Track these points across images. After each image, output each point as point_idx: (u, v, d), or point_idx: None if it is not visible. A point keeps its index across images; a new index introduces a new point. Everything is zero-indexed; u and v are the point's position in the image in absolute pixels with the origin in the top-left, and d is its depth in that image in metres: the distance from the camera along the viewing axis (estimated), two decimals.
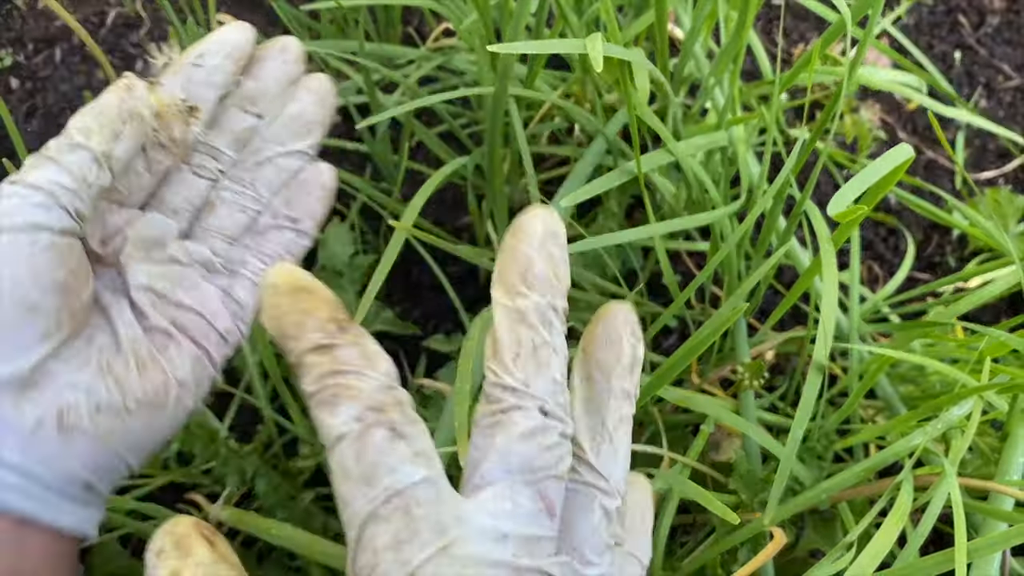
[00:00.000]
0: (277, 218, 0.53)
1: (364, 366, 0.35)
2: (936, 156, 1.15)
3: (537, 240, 0.37)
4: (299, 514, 0.87)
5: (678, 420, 0.88)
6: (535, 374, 0.36)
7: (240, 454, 0.85)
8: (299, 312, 0.35)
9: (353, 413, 0.34)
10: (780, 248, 0.73)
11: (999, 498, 0.74)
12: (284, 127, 0.53)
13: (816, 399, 0.87)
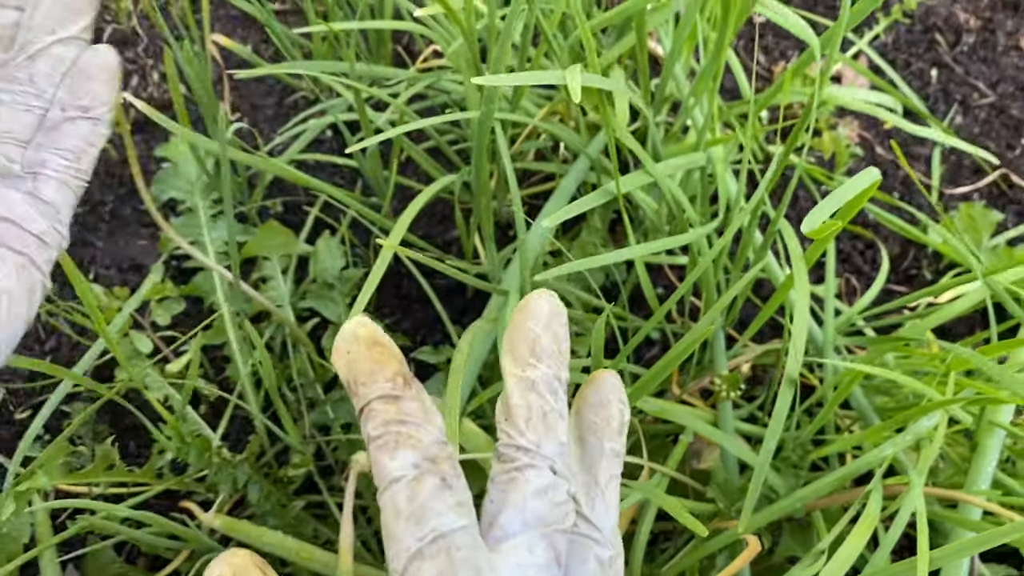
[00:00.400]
0: (67, 110, 0.51)
1: (424, 420, 0.39)
2: (913, 172, 1.18)
3: (544, 319, 0.41)
4: (290, 521, 0.89)
5: (659, 429, 0.91)
6: (545, 437, 0.40)
7: (232, 463, 0.87)
8: (372, 362, 0.39)
9: (411, 460, 0.38)
10: (756, 264, 0.76)
11: (968, 506, 0.77)
12: (49, 15, 0.51)
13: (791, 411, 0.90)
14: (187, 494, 0.96)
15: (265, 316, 0.99)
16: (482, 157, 0.70)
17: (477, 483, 0.88)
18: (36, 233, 0.49)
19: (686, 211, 0.70)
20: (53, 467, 0.78)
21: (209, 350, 1.00)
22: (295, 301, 0.98)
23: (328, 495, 0.93)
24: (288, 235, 0.98)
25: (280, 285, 0.97)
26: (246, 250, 0.97)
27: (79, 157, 0.51)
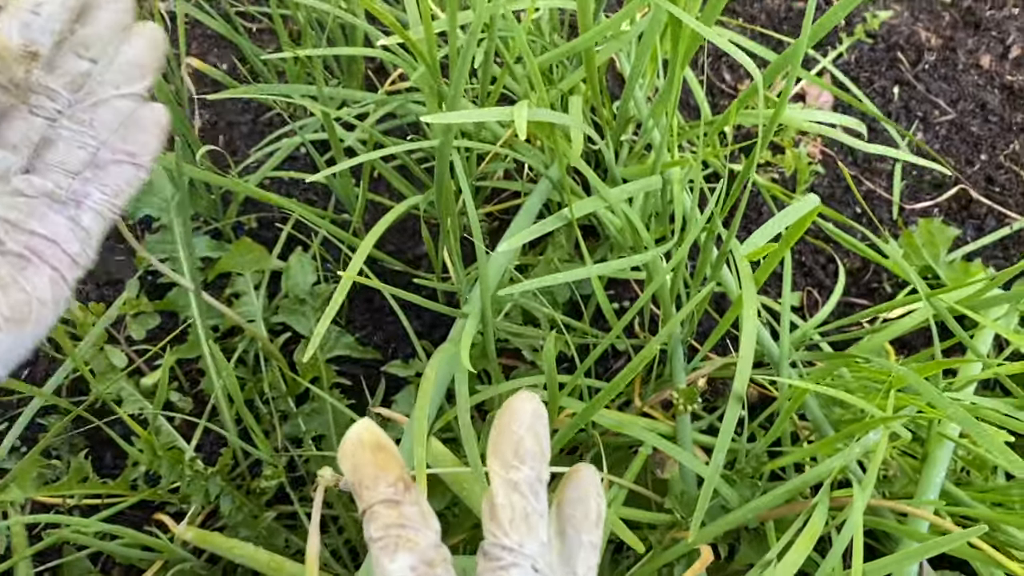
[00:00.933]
0: (116, 153, 0.55)
1: (422, 524, 0.42)
2: (875, 188, 1.21)
3: (527, 421, 0.44)
4: (262, 532, 0.91)
5: (622, 441, 0.94)
6: (527, 536, 0.43)
7: (205, 475, 0.89)
8: (376, 467, 0.42)
9: (409, 562, 0.41)
10: (710, 281, 0.79)
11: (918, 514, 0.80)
12: (119, 71, 0.56)
13: (748, 423, 0.92)
14: (161, 505, 0.98)
15: (239, 330, 1.01)
16: (443, 180, 0.73)
17: (442, 498, 0.90)
18: (71, 254, 0.54)
19: (639, 231, 0.72)
20: (27, 480, 0.80)
21: (184, 364, 1.02)
22: (267, 316, 1.00)
23: (299, 506, 0.95)
24: (261, 251, 1.00)
25: (253, 300, 1.00)
26: (219, 266, 0.99)
27: (117, 194, 0.55)
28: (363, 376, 1.03)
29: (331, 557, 0.93)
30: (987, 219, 1.21)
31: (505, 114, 0.54)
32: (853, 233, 1.15)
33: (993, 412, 0.79)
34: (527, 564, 0.43)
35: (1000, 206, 1.21)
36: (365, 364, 1.04)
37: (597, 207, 0.69)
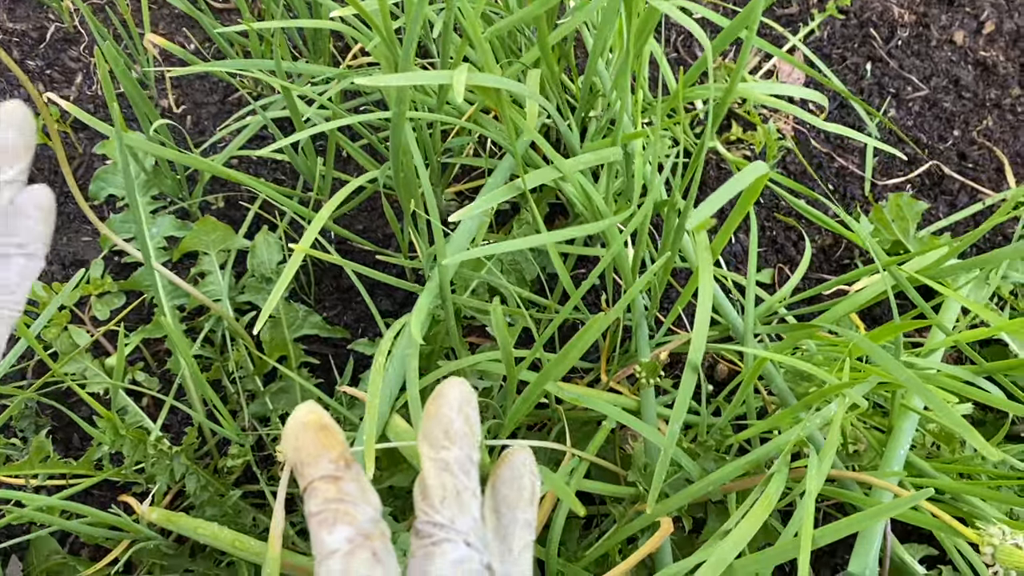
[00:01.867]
0: (2, 247, 0.53)
1: (361, 499, 0.42)
2: (847, 164, 1.21)
3: (456, 404, 0.45)
4: (228, 511, 0.91)
5: (590, 416, 0.93)
6: (459, 513, 0.44)
7: (169, 454, 0.89)
8: (318, 445, 0.42)
9: (346, 535, 0.41)
10: (667, 252, 0.78)
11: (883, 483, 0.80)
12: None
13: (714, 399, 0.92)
14: (129, 486, 0.98)
15: (206, 309, 1.01)
16: (399, 147, 0.72)
17: (405, 475, 0.90)
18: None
19: (595, 201, 0.72)
20: None
21: (151, 344, 1.02)
22: (234, 295, 1.00)
23: (266, 485, 0.95)
24: (226, 230, 1.00)
25: (219, 279, 0.99)
26: (183, 245, 0.99)
27: (13, 291, 0.52)
28: (331, 355, 1.03)
29: (298, 536, 0.93)
30: (959, 195, 1.20)
31: (444, 77, 0.54)
32: (825, 210, 1.15)
33: (953, 380, 0.79)
34: (459, 540, 0.43)
35: (973, 182, 1.21)
36: (334, 343, 1.04)
37: (551, 177, 0.69)
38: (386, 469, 0.91)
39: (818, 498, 1.00)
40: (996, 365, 0.76)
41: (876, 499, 0.82)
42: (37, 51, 1.14)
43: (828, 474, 0.81)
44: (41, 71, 1.14)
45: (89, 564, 0.93)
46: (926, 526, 0.75)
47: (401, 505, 0.92)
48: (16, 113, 0.53)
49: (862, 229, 0.88)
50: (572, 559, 0.86)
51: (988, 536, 0.64)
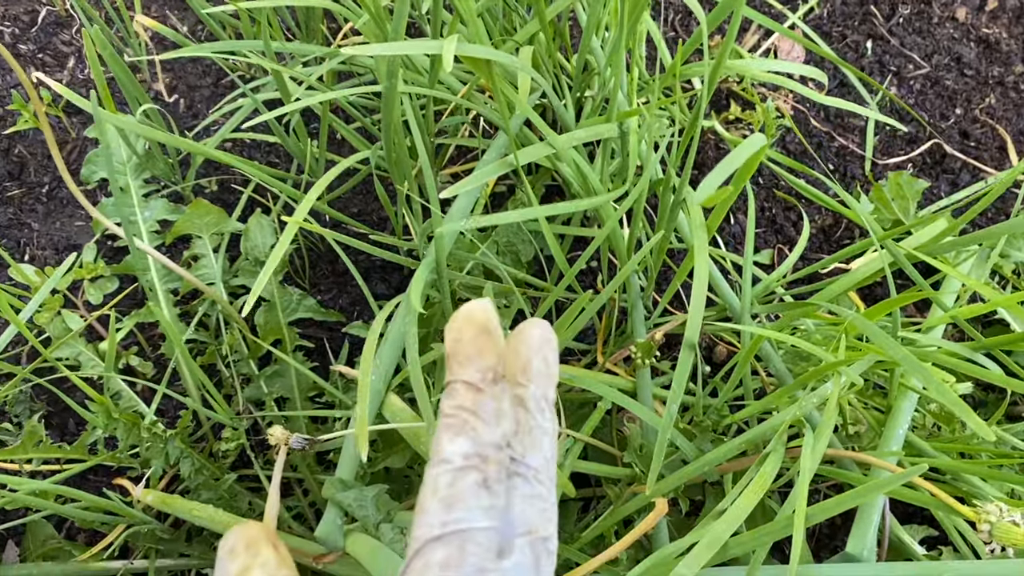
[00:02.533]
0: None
1: (493, 420, 0.41)
2: (847, 143, 1.19)
3: (536, 344, 0.43)
4: (224, 494, 0.91)
5: (587, 397, 0.93)
6: (531, 449, 0.42)
7: (164, 438, 0.89)
8: (475, 347, 0.42)
9: (464, 450, 0.40)
10: (663, 230, 0.77)
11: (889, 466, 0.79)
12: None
13: (711, 380, 0.91)
14: (122, 470, 0.98)
15: (200, 293, 1.00)
16: (390, 131, 0.71)
17: (402, 455, 0.89)
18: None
19: (588, 179, 0.71)
20: None
21: (145, 328, 1.01)
22: (227, 279, 0.99)
23: (261, 469, 0.95)
24: (220, 213, 0.99)
25: (212, 263, 0.98)
26: (175, 228, 0.98)
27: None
28: (326, 339, 1.02)
29: (293, 520, 0.93)
30: (961, 173, 1.19)
31: (434, 47, 0.53)
32: (825, 189, 1.14)
33: (951, 357, 0.78)
34: (530, 475, 0.42)
35: (975, 161, 1.20)
36: (329, 327, 1.03)
37: (543, 153, 0.68)
38: (381, 451, 0.90)
39: (817, 479, 0.99)
40: (993, 340, 0.75)
41: (873, 478, 0.81)
42: (29, 35, 1.13)
43: (826, 454, 0.80)
44: (33, 55, 1.13)
45: (85, 548, 0.92)
46: (923, 504, 0.75)
47: (397, 489, 0.92)
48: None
49: (860, 207, 0.86)
50: (569, 540, 0.85)
51: (985, 514, 0.63)
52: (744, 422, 0.92)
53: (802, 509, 0.59)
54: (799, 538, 0.56)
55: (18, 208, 1.05)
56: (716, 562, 0.68)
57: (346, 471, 0.78)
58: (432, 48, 0.53)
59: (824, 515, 0.62)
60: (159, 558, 0.94)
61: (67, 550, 0.94)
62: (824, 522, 1.04)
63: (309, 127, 1.10)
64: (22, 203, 1.05)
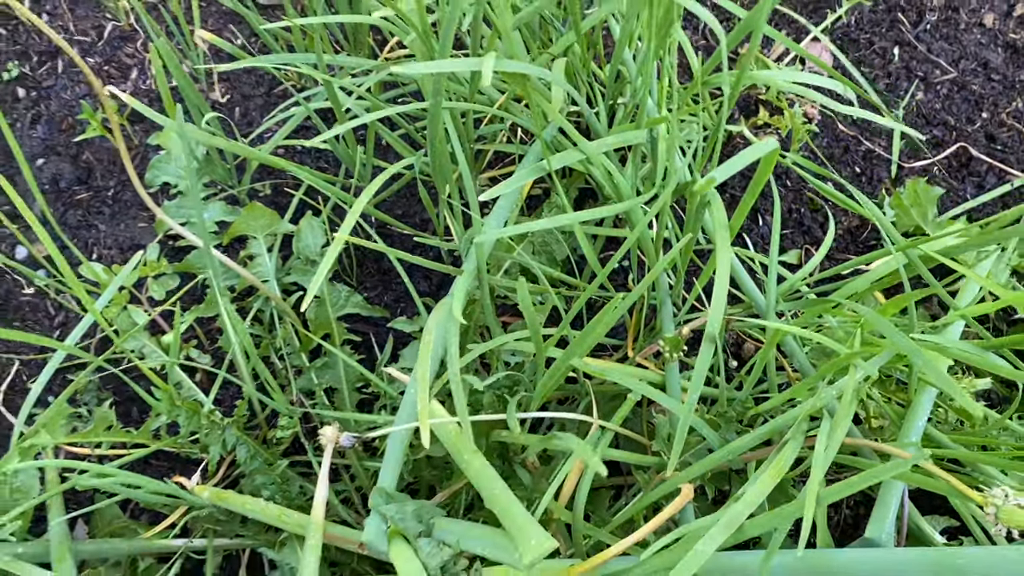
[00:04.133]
0: None
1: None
2: (874, 147, 1.23)
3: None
4: (277, 479, 0.97)
5: (617, 390, 0.98)
6: None
7: (221, 425, 0.95)
8: None
9: None
10: (691, 231, 0.82)
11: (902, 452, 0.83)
12: None
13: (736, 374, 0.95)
14: (180, 455, 1.04)
15: (254, 290, 1.07)
16: (436, 135, 0.77)
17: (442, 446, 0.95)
18: None
19: (618, 183, 0.76)
20: (55, 427, 0.87)
21: (203, 323, 1.08)
22: (280, 276, 1.06)
23: (313, 456, 1.01)
24: (273, 215, 1.05)
25: (266, 261, 1.05)
26: (232, 229, 1.05)
27: None
28: (372, 333, 1.09)
29: (341, 504, 0.99)
30: (987, 176, 1.22)
31: (475, 64, 0.58)
32: (850, 193, 1.18)
33: (965, 353, 0.81)
34: None
35: (1001, 164, 1.23)
36: (374, 322, 1.09)
37: (574, 159, 0.73)
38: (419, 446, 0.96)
39: (840, 469, 1.03)
40: (1004, 340, 0.79)
41: (864, 461, 0.85)
42: (96, 48, 1.21)
43: (847, 443, 0.85)
44: (99, 67, 1.20)
45: (148, 527, 0.99)
46: (938, 491, 0.78)
47: (439, 475, 0.97)
48: None
49: (879, 212, 0.90)
50: (600, 524, 0.90)
51: (992, 498, 0.67)
52: (769, 415, 0.96)
53: (814, 488, 0.64)
54: (810, 513, 0.61)
55: (86, 210, 1.13)
56: (735, 542, 0.72)
57: (388, 477, 0.82)
58: (473, 66, 0.58)
59: (838, 495, 0.67)
60: (216, 538, 1.01)
61: (132, 528, 1.01)
62: (848, 513, 1.08)
63: (356, 134, 1.16)
64: (90, 206, 1.13)
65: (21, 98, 1.18)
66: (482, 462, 0.73)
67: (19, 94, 1.18)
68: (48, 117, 1.17)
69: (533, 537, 0.62)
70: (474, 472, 0.72)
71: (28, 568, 0.86)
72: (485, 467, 0.73)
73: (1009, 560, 0.71)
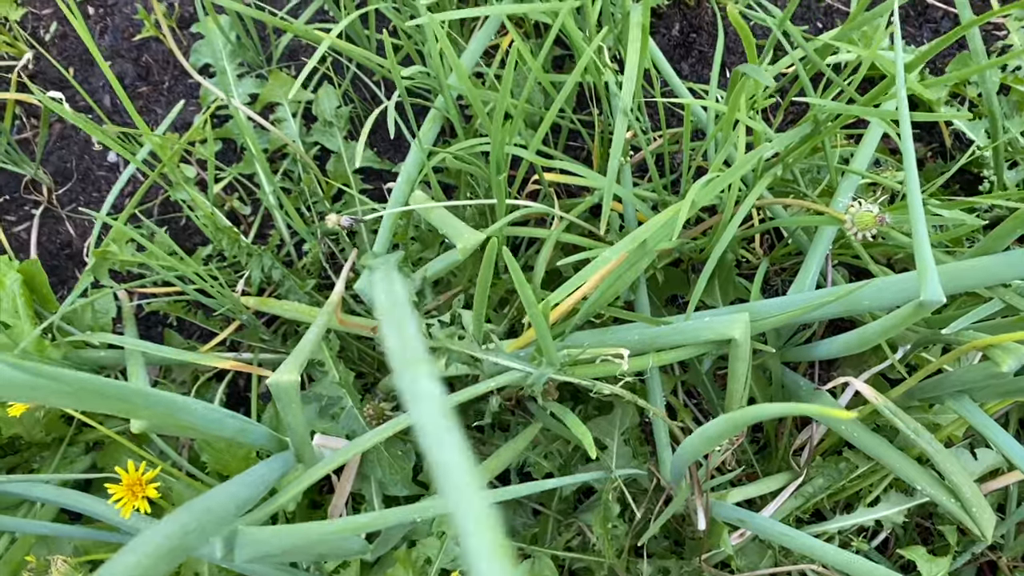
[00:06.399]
0: None
1: None
2: (834, 2, 1.35)
3: None
4: (306, 294, 1.16)
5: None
6: None
7: (260, 252, 1.15)
8: None
9: None
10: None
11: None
12: None
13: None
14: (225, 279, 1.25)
15: (284, 156, 1.26)
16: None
17: (433, 249, 1.12)
18: None
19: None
20: (122, 243, 1.08)
21: (242, 181, 1.28)
22: (304, 136, 1.25)
23: (334, 276, 1.20)
24: (294, 83, 1.25)
25: (291, 124, 1.25)
26: (262, 97, 1.25)
27: None
28: (382, 181, 1.27)
29: (354, 301, 1.17)
30: (943, 22, 1.32)
31: None
32: None
33: None
34: None
35: (956, 9, 1.33)
36: (383, 174, 1.28)
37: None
38: (417, 241, 1.13)
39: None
40: None
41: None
42: None
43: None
44: None
45: (201, 344, 1.20)
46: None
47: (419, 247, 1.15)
48: None
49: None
50: None
51: (850, 209, 0.80)
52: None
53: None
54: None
55: (146, 100, 1.34)
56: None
57: (380, 245, 1.01)
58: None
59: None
60: (261, 353, 1.21)
61: (194, 346, 1.22)
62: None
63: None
64: (149, 96, 1.35)
65: (91, 15, 1.40)
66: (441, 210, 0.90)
67: (88, 12, 1.41)
68: (112, 28, 1.39)
69: (466, 232, 0.79)
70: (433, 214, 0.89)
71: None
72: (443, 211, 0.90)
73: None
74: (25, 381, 0.47)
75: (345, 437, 1.06)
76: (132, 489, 0.83)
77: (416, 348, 0.35)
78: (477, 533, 0.26)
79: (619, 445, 1.08)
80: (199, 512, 0.58)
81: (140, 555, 0.47)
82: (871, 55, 0.83)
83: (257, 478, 0.71)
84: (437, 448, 0.30)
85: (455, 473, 0.29)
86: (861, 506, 1.07)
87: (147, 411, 0.58)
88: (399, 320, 0.39)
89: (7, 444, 1.11)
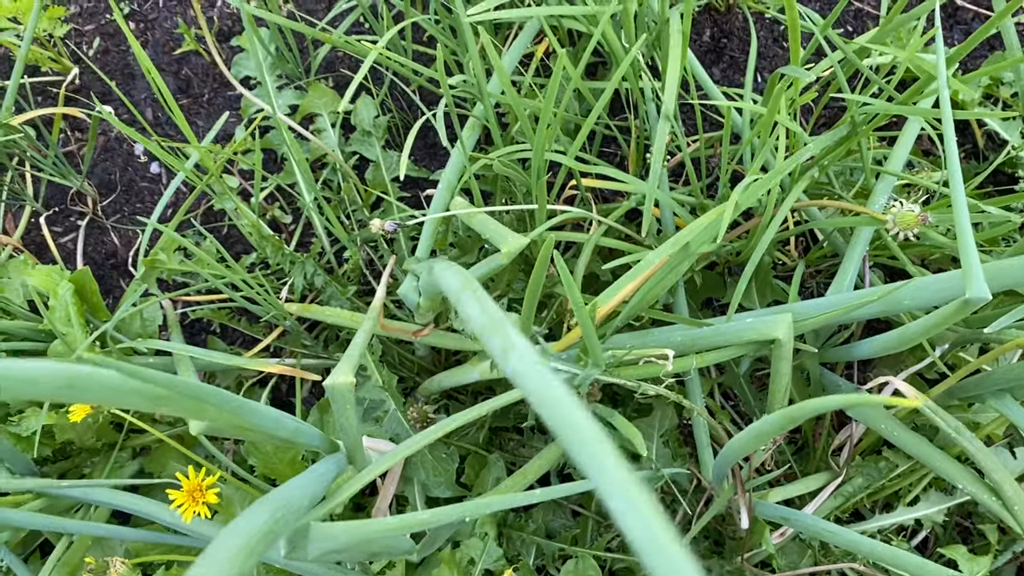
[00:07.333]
0: None
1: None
2: (862, 5, 1.36)
3: None
4: (348, 300, 1.19)
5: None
6: None
7: (302, 259, 1.18)
8: None
9: None
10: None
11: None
12: None
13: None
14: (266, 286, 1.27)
15: (324, 166, 1.29)
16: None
17: (472, 254, 1.14)
18: None
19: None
20: (170, 251, 1.10)
21: (283, 190, 1.31)
22: (343, 146, 1.28)
23: (375, 282, 1.22)
24: (334, 95, 1.28)
25: (331, 134, 1.27)
26: (302, 108, 1.28)
27: None
28: (419, 189, 1.29)
29: (395, 307, 1.19)
30: (974, 23, 1.33)
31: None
32: None
33: None
34: None
35: (987, 11, 1.34)
36: (420, 182, 1.30)
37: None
38: (456, 247, 1.15)
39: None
40: None
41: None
42: None
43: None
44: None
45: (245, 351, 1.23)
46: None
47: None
48: None
49: None
50: None
51: (891, 209, 0.82)
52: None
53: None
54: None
55: (187, 112, 1.37)
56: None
57: (423, 250, 1.03)
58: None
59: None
60: (303, 359, 1.23)
61: (237, 351, 1.25)
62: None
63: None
64: (190, 109, 1.38)
65: (132, 29, 1.44)
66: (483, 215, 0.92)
67: (130, 26, 1.44)
68: (153, 42, 1.42)
69: (510, 237, 0.81)
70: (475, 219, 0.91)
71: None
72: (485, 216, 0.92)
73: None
74: (133, 387, 0.49)
75: (389, 440, 1.08)
76: (192, 494, 0.85)
77: (498, 313, 0.36)
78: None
79: (659, 447, 1.09)
80: (281, 505, 0.60)
81: (232, 547, 0.49)
82: (909, 55, 0.84)
83: (318, 476, 0.73)
84: (544, 401, 0.31)
85: (582, 432, 0.30)
86: (901, 505, 1.08)
87: (216, 411, 0.61)
88: (476, 293, 0.40)
89: (58, 449, 1.14)
